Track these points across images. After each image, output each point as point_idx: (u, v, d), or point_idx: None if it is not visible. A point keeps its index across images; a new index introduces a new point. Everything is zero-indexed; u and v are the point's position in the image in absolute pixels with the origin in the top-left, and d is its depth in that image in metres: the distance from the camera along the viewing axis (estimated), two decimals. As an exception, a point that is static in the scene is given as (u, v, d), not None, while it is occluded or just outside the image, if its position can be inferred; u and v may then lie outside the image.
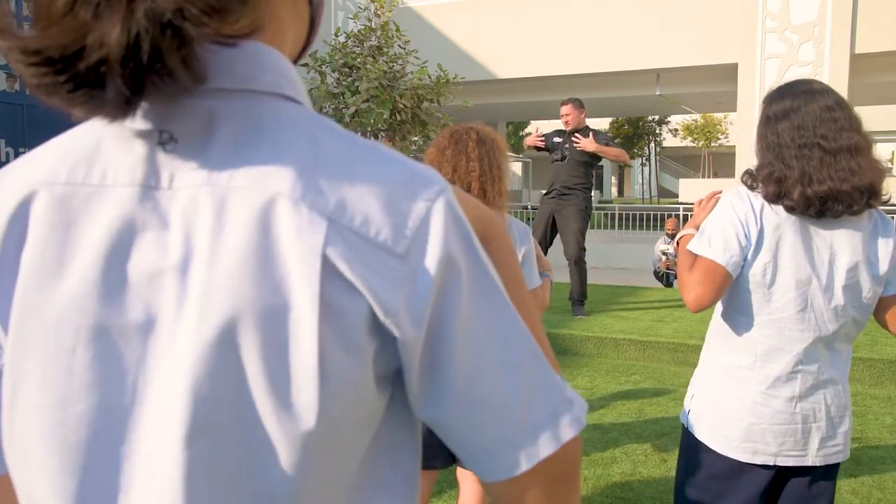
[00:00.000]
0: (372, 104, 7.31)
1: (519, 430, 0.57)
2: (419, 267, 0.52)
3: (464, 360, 0.55)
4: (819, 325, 1.65)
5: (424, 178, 0.55)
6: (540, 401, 0.58)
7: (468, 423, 0.57)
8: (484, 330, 0.56)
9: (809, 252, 1.63)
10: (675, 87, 11.18)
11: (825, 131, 1.61)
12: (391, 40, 7.99)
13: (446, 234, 0.54)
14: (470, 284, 0.55)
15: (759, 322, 1.67)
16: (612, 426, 4.04)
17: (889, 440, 3.81)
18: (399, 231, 0.52)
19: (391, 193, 0.53)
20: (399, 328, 0.52)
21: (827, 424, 1.68)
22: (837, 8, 8.81)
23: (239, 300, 0.50)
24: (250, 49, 0.54)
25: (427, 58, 8.24)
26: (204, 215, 0.51)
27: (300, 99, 0.57)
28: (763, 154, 1.69)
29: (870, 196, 1.59)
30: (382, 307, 0.51)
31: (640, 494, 3.13)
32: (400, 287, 0.52)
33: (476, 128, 2.28)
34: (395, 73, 7.72)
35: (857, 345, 5.21)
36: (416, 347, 0.54)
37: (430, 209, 0.53)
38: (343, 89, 7.54)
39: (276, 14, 0.58)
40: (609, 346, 5.65)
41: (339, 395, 0.52)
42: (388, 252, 0.52)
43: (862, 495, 3.12)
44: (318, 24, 0.65)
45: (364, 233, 0.51)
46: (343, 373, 0.52)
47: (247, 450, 0.52)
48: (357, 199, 0.52)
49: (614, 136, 32.79)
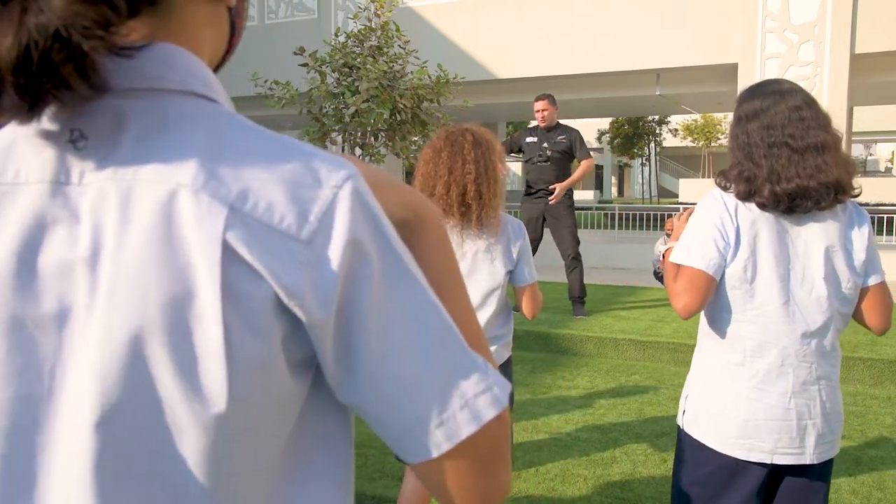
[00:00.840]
0: (372, 104, 7.30)
1: (436, 410, 0.58)
2: (324, 251, 0.54)
3: (376, 343, 0.56)
4: (805, 318, 1.67)
5: (331, 165, 0.57)
6: (457, 382, 0.59)
7: (386, 406, 0.58)
8: (396, 313, 0.57)
9: (785, 246, 1.68)
10: (675, 87, 11.17)
11: (793, 130, 1.66)
12: (391, 40, 7.98)
13: (353, 219, 0.55)
14: (380, 269, 0.56)
15: (744, 318, 1.70)
16: (612, 426, 4.03)
17: (889, 440, 3.81)
18: (303, 217, 0.54)
19: (296, 181, 0.55)
20: (305, 311, 0.54)
21: (823, 421, 1.69)
22: (837, 8, 8.81)
23: (144, 289, 0.52)
24: (160, 50, 0.57)
25: (427, 58, 8.23)
26: (111, 208, 0.53)
27: (212, 96, 0.59)
28: (734, 153, 1.74)
29: (837, 192, 1.65)
30: (286, 290, 0.53)
31: (640, 494, 3.13)
32: (304, 271, 0.53)
33: (472, 129, 2.28)
34: (395, 73, 7.71)
35: (857, 345, 5.21)
36: (327, 332, 0.55)
37: (336, 195, 0.55)
38: (343, 89, 7.54)
39: (187, 22, 0.60)
40: (609, 346, 5.64)
41: (249, 378, 0.53)
42: (291, 237, 0.53)
43: (862, 495, 3.12)
44: (240, 28, 0.68)
45: (267, 219, 0.53)
46: (251, 356, 0.53)
47: (159, 436, 0.53)
48: (260, 187, 0.54)
49: (614, 136, 32.78)
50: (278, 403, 0.57)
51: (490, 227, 2.29)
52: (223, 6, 0.64)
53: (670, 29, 9.75)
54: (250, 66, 10.13)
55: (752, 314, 1.69)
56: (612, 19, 10.18)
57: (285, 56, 8.89)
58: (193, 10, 0.61)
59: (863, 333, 5.61)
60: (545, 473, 3.35)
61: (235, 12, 0.66)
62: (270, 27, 12.71)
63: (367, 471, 3.37)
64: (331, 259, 0.54)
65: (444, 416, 0.58)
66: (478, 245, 2.31)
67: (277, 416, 0.57)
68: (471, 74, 9.79)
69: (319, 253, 0.54)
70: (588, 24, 10.32)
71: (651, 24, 9.93)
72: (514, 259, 2.35)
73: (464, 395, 0.59)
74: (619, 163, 41.03)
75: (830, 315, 1.69)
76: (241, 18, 0.68)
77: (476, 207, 2.24)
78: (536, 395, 4.64)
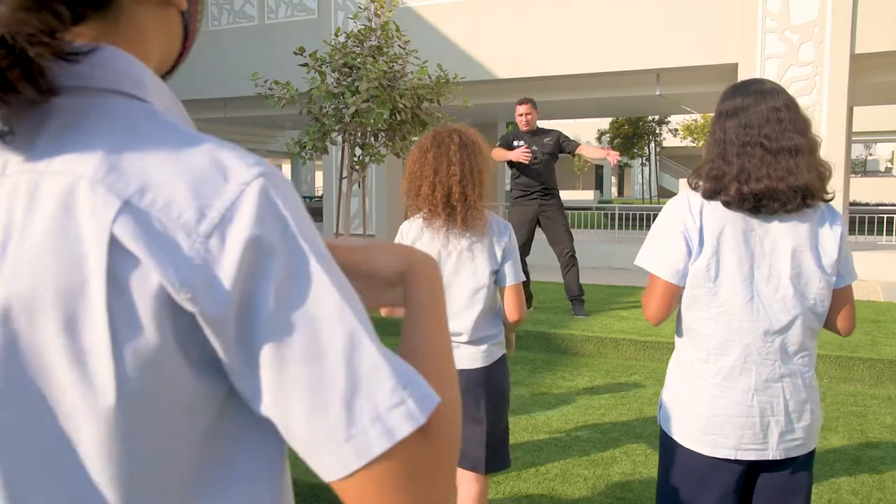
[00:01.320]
0: (372, 104, 7.30)
1: (343, 424, 0.54)
2: (222, 248, 0.53)
3: (278, 348, 0.54)
4: (769, 317, 1.69)
5: (243, 163, 0.56)
6: (367, 393, 0.55)
7: (292, 418, 0.55)
8: (300, 317, 0.55)
9: (750, 245, 1.69)
10: (675, 87, 11.17)
11: (769, 131, 1.67)
12: (391, 40, 7.98)
13: (258, 217, 0.54)
14: (286, 270, 0.55)
15: (708, 316, 1.73)
16: (612, 426, 4.03)
17: (889, 440, 3.81)
18: (202, 212, 0.53)
19: (202, 177, 0.55)
20: (197, 307, 0.53)
21: (785, 419, 1.71)
22: (837, 8, 8.81)
23: (39, 278, 0.53)
24: (102, 53, 0.58)
25: (427, 58, 8.23)
26: (21, 199, 0.55)
27: (142, 95, 0.60)
28: (709, 149, 1.76)
29: (805, 195, 1.66)
30: (173, 284, 0.52)
31: (640, 494, 3.13)
32: (197, 266, 0.53)
33: (460, 130, 2.29)
34: (395, 73, 7.71)
35: (857, 345, 5.21)
36: (227, 332, 0.54)
37: (242, 192, 0.54)
38: (343, 89, 7.53)
39: (137, 26, 0.62)
40: (609, 346, 5.64)
41: (141, 371, 0.54)
42: (188, 232, 0.53)
43: (862, 495, 3.12)
44: (193, 31, 0.69)
45: (164, 214, 0.53)
46: (139, 349, 0.53)
47: (56, 426, 0.55)
48: (163, 182, 0.54)
49: (614, 135, 32.80)
50: (181, 402, 0.56)
51: (475, 228, 2.29)
52: (174, 10, 0.65)
53: (670, 29, 9.75)
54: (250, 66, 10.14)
55: (716, 312, 1.71)
56: (612, 19, 10.18)
57: (285, 56, 8.89)
58: (143, 15, 0.62)
59: (863, 333, 5.61)
60: (545, 473, 3.35)
61: (188, 15, 0.67)
62: (270, 27, 12.71)
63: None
64: (228, 256, 0.53)
65: (353, 431, 0.54)
66: (462, 245, 2.31)
67: (182, 414, 0.56)
68: (471, 74, 9.79)
69: (216, 249, 0.53)
70: (588, 24, 10.32)
71: (651, 24, 9.93)
72: (498, 259, 2.35)
73: (375, 409, 0.55)
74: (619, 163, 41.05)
75: (797, 314, 1.69)
76: (194, 21, 0.69)
77: (461, 209, 2.25)
78: (536, 395, 4.64)
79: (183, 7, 0.66)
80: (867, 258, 9.26)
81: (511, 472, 3.36)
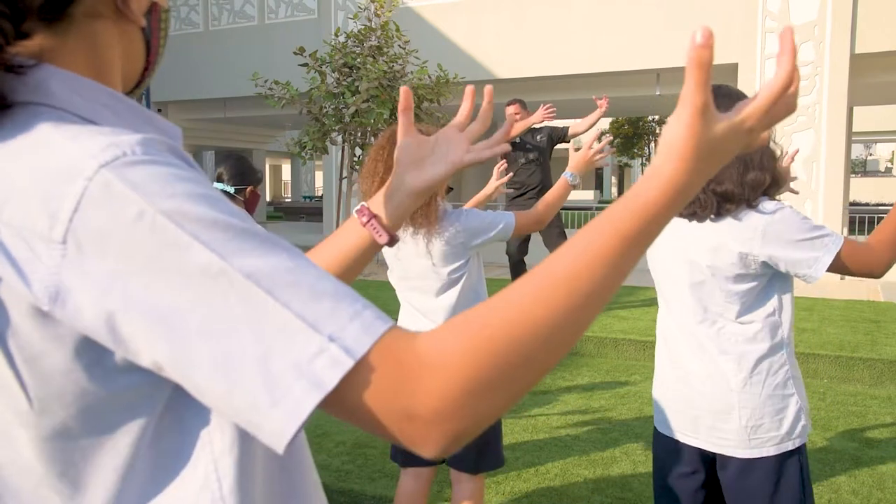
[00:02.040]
0: (372, 104, 7.30)
1: (264, 391, 0.50)
2: (80, 250, 0.51)
3: (169, 335, 0.51)
4: (683, 315, 1.81)
5: (84, 159, 0.53)
6: (281, 352, 0.50)
7: (215, 400, 0.52)
8: (180, 296, 0.51)
9: (672, 246, 1.81)
10: (675, 87, 11.16)
11: None
12: (391, 40, 7.98)
13: (108, 208, 0.51)
14: (148, 258, 0.51)
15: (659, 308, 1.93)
16: (612, 426, 4.04)
17: (889, 440, 3.81)
18: (54, 217, 0.52)
19: (52, 180, 0.53)
20: (69, 315, 0.52)
21: (709, 415, 1.76)
22: (837, 8, 8.81)
23: None
24: (39, 70, 0.59)
25: (427, 58, 8.23)
26: None
27: (56, 103, 0.58)
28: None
29: (723, 201, 1.68)
30: (43, 298, 0.52)
31: (640, 494, 3.13)
32: (61, 274, 0.51)
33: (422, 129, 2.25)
34: (395, 73, 7.71)
35: (857, 345, 5.21)
36: (108, 335, 0.52)
37: (85, 189, 0.52)
38: (343, 89, 7.53)
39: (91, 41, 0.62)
40: (609, 346, 5.65)
41: (40, 380, 0.55)
42: (46, 240, 0.52)
43: (862, 495, 3.12)
44: (155, 48, 0.69)
45: (22, 225, 0.52)
46: (32, 358, 0.54)
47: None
48: (20, 193, 0.53)
49: (615, 136, 32.81)
50: (93, 408, 0.57)
51: (426, 226, 2.19)
52: (133, 26, 0.65)
53: (670, 29, 9.75)
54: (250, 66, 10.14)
55: (661, 304, 1.91)
56: (612, 19, 10.18)
57: (285, 56, 8.89)
58: (99, 29, 0.62)
59: (863, 333, 5.61)
60: (545, 473, 3.35)
61: (148, 32, 0.67)
62: (270, 27, 12.71)
63: (366, 471, 3.37)
64: (87, 256, 0.51)
65: (277, 395, 0.50)
66: (421, 242, 2.23)
67: (113, 413, 0.57)
68: (471, 74, 9.79)
69: (74, 253, 0.51)
70: (588, 24, 10.32)
71: (651, 25, 9.93)
72: (465, 244, 2.24)
73: (297, 365, 0.50)
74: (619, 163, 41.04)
75: (704, 319, 1.76)
76: (155, 38, 0.69)
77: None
78: (536, 395, 4.64)
79: (141, 24, 0.66)
80: (867, 258, 9.26)
81: (511, 472, 3.36)
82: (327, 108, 7.67)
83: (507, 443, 3.73)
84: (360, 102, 7.25)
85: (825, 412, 4.25)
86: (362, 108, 7.31)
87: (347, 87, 7.53)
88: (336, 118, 7.55)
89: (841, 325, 5.91)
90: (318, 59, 7.68)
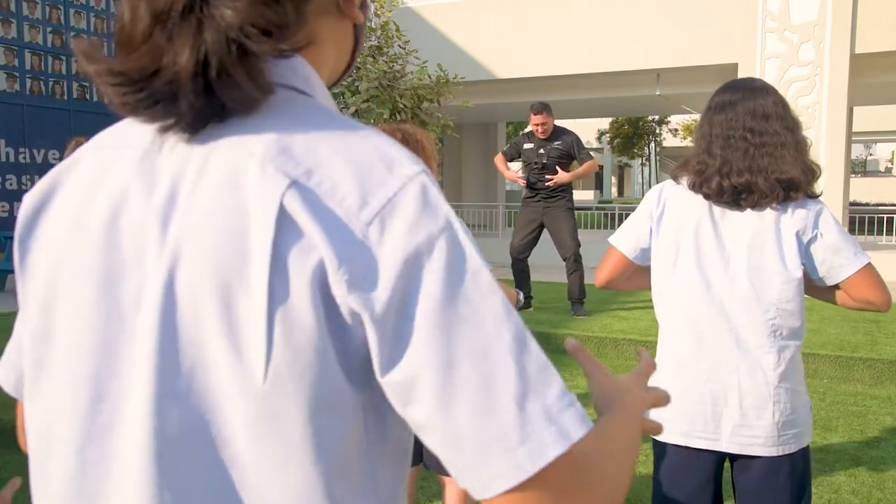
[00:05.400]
0: (372, 104, 7.31)
1: (518, 423, 0.50)
2: (383, 237, 0.53)
3: (440, 343, 0.52)
4: (724, 308, 1.69)
5: (404, 159, 0.57)
6: (538, 393, 0.52)
7: (455, 419, 0.51)
8: (463, 312, 0.52)
9: (711, 236, 1.71)
10: (675, 87, 11.18)
11: (754, 125, 1.69)
12: (391, 40, 8.00)
13: (419, 213, 0.54)
14: (445, 267, 0.53)
15: (668, 301, 1.78)
16: (612, 426, 4.03)
17: (889, 440, 3.81)
18: (365, 200, 0.54)
19: (368, 167, 0.55)
20: (353, 288, 0.52)
21: (739, 413, 1.68)
22: (837, 8, 8.81)
23: (201, 247, 0.54)
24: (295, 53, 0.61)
25: (427, 58, 8.24)
26: (189, 173, 0.57)
27: (309, 91, 0.62)
28: (697, 143, 1.79)
29: (789, 189, 1.66)
30: (335, 261, 0.52)
31: (639, 494, 3.13)
32: (358, 249, 0.52)
33: (404, 129, 2.28)
34: (395, 73, 7.73)
35: (857, 345, 5.21)
36: (382, 325, 0.52)
37: (404, 185, 0.55)
38: (343, 89, 7.55)
39: (317, 37, 0.64)
40: (609, 346, 5.65)
41: (291, 355, 0.53)
42: (350, 216, 0.53)
43: (862, 495, 3.12)
44: (361, 43, 0.72)
45: (329, 196, 0.54)
46: (293, 331, 0.53)
47: (209, 397, 0.55)
48: (329, 167, 0.55)
49: (614, 136, 32.79)
50: (325, 398, 0.54)
51: None
52: (349, 23, 0.68)
53: (670, 29, 9.75)
54: (250, 66, 10.11)
55: (675, 299, 1.75)
56: (613, 19, 10.19)
57: (285, 56, 8.89)
58: (323, 26, 0.65)
59: (863, 333, 5.61)
60: (545, 473, 3.35)
61: (359, 28, 0.70)
62: (270, 27, 12.71)
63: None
64: (388, 246, 0.52)
65: (528, 431, 0.50)
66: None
67: (324, 413, 0.54)
68: (471, 74, 9.79)
69: (376, 237, 0.53)
70: (588, 24, 10.33)
71: (651, 25, 9.94)
72: None
73: (548, 409, 0.51)
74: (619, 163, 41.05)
75: (753, 308, 1.67)
76: (362, 35, 0.72)
77: None
78: (536, 395, 4.64)
79: (359, 20, 0.68)
80: (867, 258, 9.27)
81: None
82: (327, 108, 7.69)
83: (508, 443, 3.73)
84: (360, 102, 7.26)
85: (825, 412, 4.24)
86: (362, 108, 7.32)
87: (347, 87, 7.54)
88: (336, 118, 7.57)
89: (841, 325, 5.90)
90: (318, 59, 7.69)
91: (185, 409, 0.55)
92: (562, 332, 5.84)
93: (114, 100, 0.56)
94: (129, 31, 0.56)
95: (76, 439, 0.58)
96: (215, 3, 0.54)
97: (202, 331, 0.54)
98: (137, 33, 0.56)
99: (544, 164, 6.38)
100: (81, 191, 0.61)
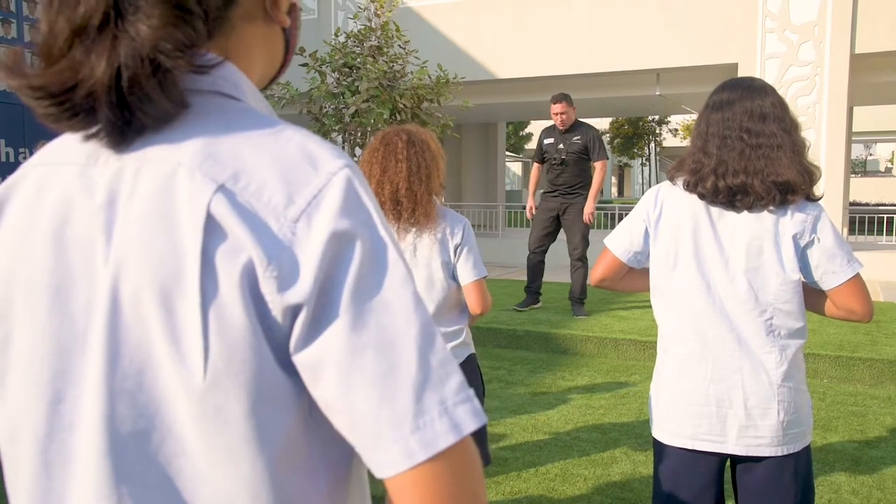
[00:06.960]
0: (372, 104, 7.31)
1: (412, 413, 0.55)
2: (309, 232, 0.56)
3: (351, 331, 0.55)
4: (725, 308, 1.68)
5: (331, 155, 0.60)
6: (436, 386, 0.56)
7: (357, 403, 0.55)
8: (376, 303, 0.56)
9: (710, 237, 1.70)
10: (675, 87, 11.16)
11: (751, 126, 1.67)
12: (391, 40, 7.99)
13: (344, 205, 0.57)
14: (365, 259, 0.57)
15: (668, 304, 1.76)
16: (612, 426, 4.04)
17: (889, 440, 3.81)
18: (291, 198, 0.56)
19: (292, 165, 0.58)
20: (281, 283, 0.55)
21: (745, 413, 1.68)
22: (837, 8, 8.80)
23: (140, 257, 0.57)
24: (219, 65, 0.63)
25: (427, 58, 8.24)
26: (124, 185, 0.60)
27: (239, 96, 0.64)
28: (693, 142, 1.77)
29: (785, 192, 1.64)
30: (264, 260, 0.55)
31: (639, 494, 3.13)
32: (284, 246, 0.55)
33: (408, 129, 2.31)
34: (395, 73, 7.72)
35: (857, 345, 5.21)
36: (302, 314, 0.56)
37: (328, 181, 0.58)
38: (343, 89, 7.54)
39: (243, 42, 0.66)
40: (609, 346, 5.65)
41: (227, 354, 0.56)
42: (277, 216, 0.56)
43: (862, 495, 3.12)
44: (292, 46, 0.74)
45: (255, 197, 0.56)
46: (227, 330, 0.55)
47: (155, 398, 0.58)
48: (255, 169, 0.57)
49: (614, 136, 32.76)
50: (264, 391, 0.57)
51: (424, 223, 2.28)
52: (278, 27, 0.70)
53: (670, 29, 9.75)
54: (250, 66, 10.08)
55: (675, 300, 1.74)
56: (613, 19, 10.18)
57: (285, 56, 8.87)
58: (251, 32, 0.67)
59: (863, 333, 5.61)
60: (545, 473, 3.35)
61: (289, 31, 0.72)
62: (270, 27, 12.70)
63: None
64: (314, 241, 0.55)
65: (421, 421, 0.55)
66: (411, 240, 2.30)
67: (265, 405, 0.58)
68: (471, 74, 9.79)
69: (303, 233, 0.56)
70: (588, 24, 10.32)
71: (651, 24, 9.93)
72: (451, 251, 2.30)
73: (443, 402, 0.56)
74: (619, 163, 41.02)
75: (752, 309, 1.67)
76: (293, 37, 0.74)
77: (408, 204, 2.25)
78: (536, 395, 4.64)
79: (286, 24, 0.70)
80: (867, 258, 9.26)
81: (511, 472, 3.36)
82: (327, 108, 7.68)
83: (508, 443, 3.73)
84: (360, 102, 7.26)
85: (825, 412, 4.24)
86: (362, 109, 7.31)
87: (347, 87, 7.54)
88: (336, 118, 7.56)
89: (841, 325, 5.90)
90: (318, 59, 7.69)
91: (135, 408, 0.58)
92: (562, 332, 5.83)
93: (37, 111, 0.58)
94: (48, 44, 0.58)
95: (39, 442, 0.61)
96: (130, 20, 0.56)
97: (148, 334, 0.57)
98: (56, 47, 0.57)
99: (563, 159, 6.37)
100: (28, 207, 0.64)
